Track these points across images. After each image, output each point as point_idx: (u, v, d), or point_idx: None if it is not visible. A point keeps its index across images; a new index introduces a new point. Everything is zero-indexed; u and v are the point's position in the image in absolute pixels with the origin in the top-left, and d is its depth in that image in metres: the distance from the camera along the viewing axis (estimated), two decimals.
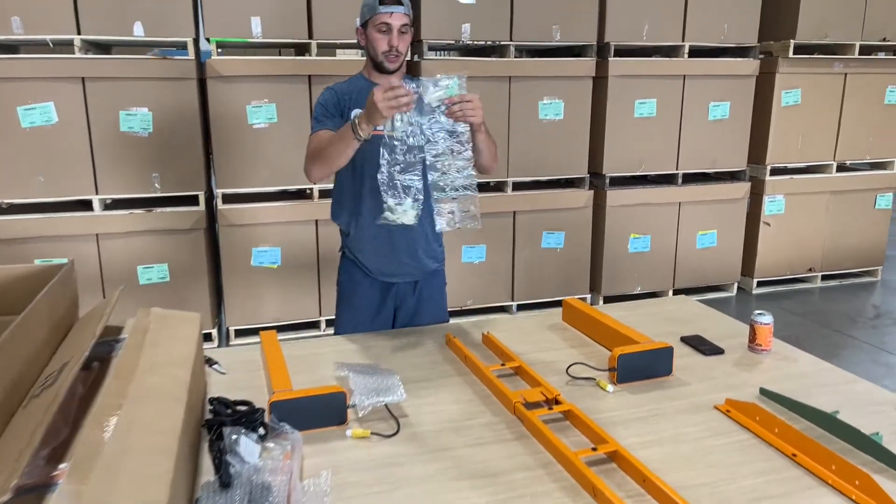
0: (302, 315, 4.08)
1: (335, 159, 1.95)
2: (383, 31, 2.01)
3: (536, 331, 2.17)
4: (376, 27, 2.01)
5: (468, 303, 4.34)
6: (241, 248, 3.89)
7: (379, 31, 2.01)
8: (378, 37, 2.01)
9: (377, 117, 1.78)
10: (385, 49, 2.03)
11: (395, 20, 2.00)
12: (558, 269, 4.47)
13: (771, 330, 1.97)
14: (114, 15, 3.51)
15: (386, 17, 2.00)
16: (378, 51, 2.04)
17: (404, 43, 2.06)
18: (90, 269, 3.69)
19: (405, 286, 2.22)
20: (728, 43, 4.49)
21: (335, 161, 1.96)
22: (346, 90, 2.12)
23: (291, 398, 1.55)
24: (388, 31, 2.01)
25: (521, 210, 4.31)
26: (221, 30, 3.68)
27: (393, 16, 2.00)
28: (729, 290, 4.90)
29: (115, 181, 3.67)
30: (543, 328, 2.19)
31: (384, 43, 2.02)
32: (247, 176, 3.84)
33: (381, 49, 2.03)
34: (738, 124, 4.61)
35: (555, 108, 4.25)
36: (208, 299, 3.91)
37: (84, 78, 3.51)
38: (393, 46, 2.02)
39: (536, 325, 2.22)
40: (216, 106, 3.73)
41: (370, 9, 2.02)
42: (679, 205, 4.59)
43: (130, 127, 3.63)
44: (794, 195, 4.82)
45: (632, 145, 4.42)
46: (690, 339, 2.06)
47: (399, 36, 2.01)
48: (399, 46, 2.03)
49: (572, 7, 4.14)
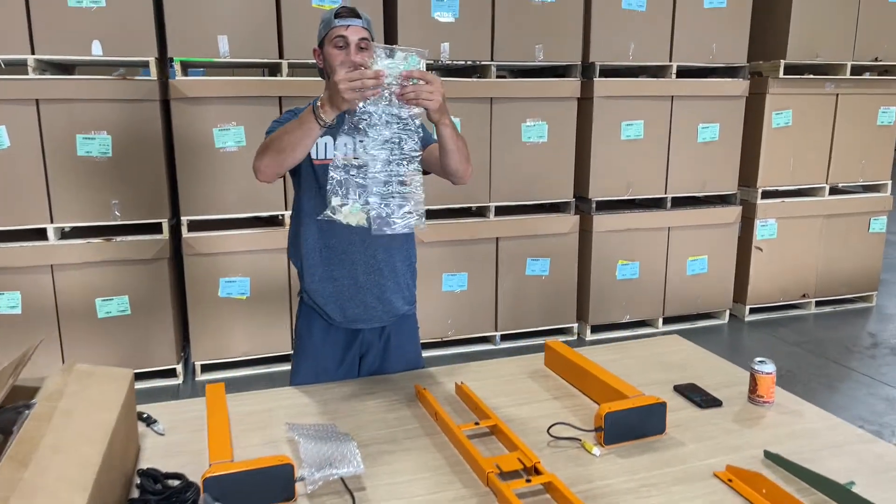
0: (273, 348, 3.85)
1: (291, 150, 1.67)
2: (340, 47, 1.81)
3: (516, 378, 1.97)
4: (332, 42, 1.81)
5: (449, 333, 4.13)
6: (207, 279, 3.68)
7: (335, 46, 1.81)
8: (335, 52, 1.81)
9: (340, 101, 1.55)
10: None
11: (352, 34, 1.81)
12: (543, 298, 4.28)
13: (773, 380, 1.79)
14: (70, 34, 3.31)
15: (342, 31, 1.80)
16: (335, 69, 1.84)
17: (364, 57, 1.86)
18: (44, 303, 3.46)
19: (372, 332, 2.00)
20: (717, 63, 4.35)
21: (291, 152, 1.68)
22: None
23: (229, 472, 1.34)
24: (346, 47, 1.81)
25: (505, 236, 4.13)
26: (186, 49, 3.49)
27: (349, 29, 1.80)
28: (721, 317, 4.72)
29: (72, 209, 3.46)
30: (524, 375, 1.99)
31: (340, 59, 1.81)
32: (214, 202, 3.63)
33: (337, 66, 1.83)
34: (728, 146, 4.46)
35: (538, 130, 4.08)
36: (172, 333, 3.68)
37: (38, 100, 3.31)
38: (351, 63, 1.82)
39: (517, 372, 2.02)
40: (181, 129, 3.53)
41: (326, 24, 1.84)
42: (668, 230, 4.42)
43: (88, 151, 3.42)
44: (786, 219, 4.67)
45: (619, 168, 4.26)
46: (685, 388, 1.87)
47: (357, 52, 1.81)
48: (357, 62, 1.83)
49: (556, 26, 3.99)
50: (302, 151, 1.70)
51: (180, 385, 3.71)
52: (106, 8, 3.33)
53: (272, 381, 3.75)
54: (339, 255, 1.92)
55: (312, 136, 1.65)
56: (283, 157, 1.70)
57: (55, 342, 3.51)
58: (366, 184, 1.61)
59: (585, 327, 4.40)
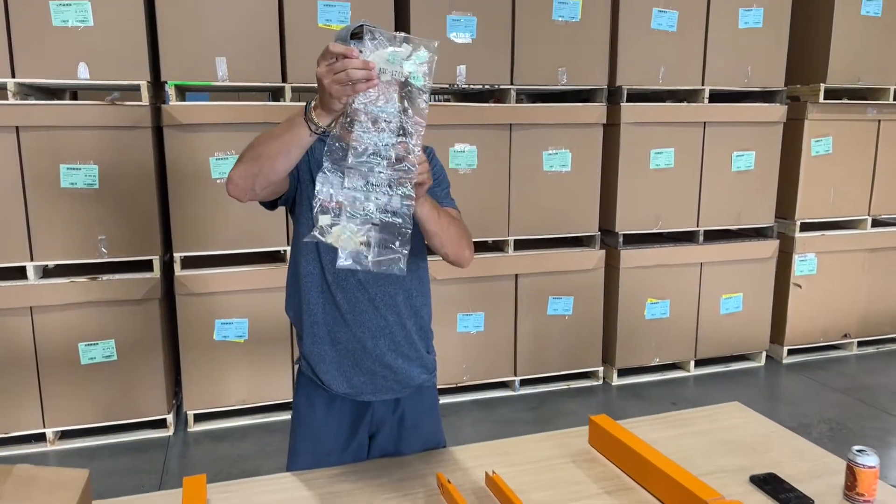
0: (272, 396, 3.53)
1: (271, 159, 1.37)
2: None
3: (557, 463, 1.64)
4: None
5: (464, 379, 3.80)
6: (201, 320, 3.37)
7: None
8: None
9: (328, 100, 1.26)
10: None
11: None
12: (567, 339, 3.95)
13: (877, 475, 1.46)
14: (55, 55, 3.04)
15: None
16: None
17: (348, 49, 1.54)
18: (23, 348, 3.15)
19: (383, 406, 1.68)
20: (752, 87, 4.05)
21: (270, 162, 1.38)
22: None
23: None
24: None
25: (524, 272, 3.81)
26: (181, 72, 3.22)
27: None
28: (757, 359, 4.38)
29: (54, 245, 3.16)
30: (565, 458, 1.66)
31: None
32: (209, 237, 3.33)
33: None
34: (765, 176, 4.15)
35: (561, 159, 3.78)
36: (163, 380, 3.36)
37: (18, 127, 3.03)
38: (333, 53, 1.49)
39: (556, 454, 1.69)
40: (175, 158, 3.25)
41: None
42: (700, 265, 4.10)
43: (73, 182, 3.13)
44: (826, 253, 4.33)
45: (647, 199, 3.95)
46: (764, 480, 1.53)
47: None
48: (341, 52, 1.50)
49: (580, 48, 3.71)
50: (284, 163, 1.39)
51: (170, 437, 3.39)
52: (94, 28, 3.06)
53: (269, 431, 3.43)
54: (344, 312, 1.61)
55: (300, 146, 1.35)
56: (259, 166, 1.39)
57: (33, 391, 3.19)
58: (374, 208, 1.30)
59: (612, 371, 4.06)
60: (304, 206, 1.59)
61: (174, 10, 3.16)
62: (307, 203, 1.57)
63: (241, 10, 3.23)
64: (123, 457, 3.19)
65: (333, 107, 1.27)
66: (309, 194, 1.54)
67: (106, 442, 3.31)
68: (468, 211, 3.61)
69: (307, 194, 1.57)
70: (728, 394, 3.92)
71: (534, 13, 3.60)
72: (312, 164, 1.59)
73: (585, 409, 3.72)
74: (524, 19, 3.60)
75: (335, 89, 1.23)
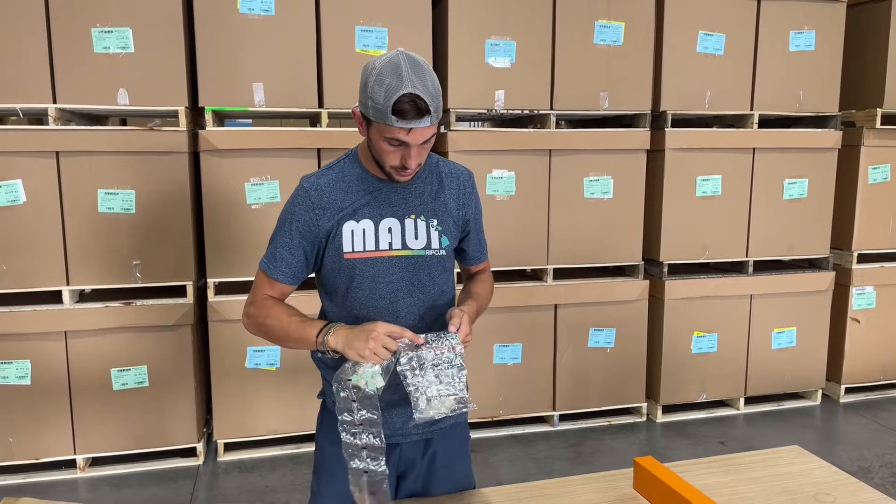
0: (303, 426, 3.45)
1: (278, 342, 1.62)
2: (395, 146, 1.42)
3: None
4: (385, 138, 1.41)
5: (500, 412, 3.66)
6: (234, 348, 3.32)
7: (390, 144, 1.41)
8: (388, 149, 1.42)
9: (354, 354, 1.41)
10: (396, 164, 1.45)
11: (415, 138, 1.39)
12: (608, 373, 3.79)
13: None
14: (95, 81, 3.07)
15: (401, 134, 1.38)
16: (386, 163, 1.46)
17: (425, 153, 1.47)
18: (56, 373, 3.14)
19: (412, 447, 1.58)
20: (804, 112, 3.89)
21: (277, 343, 1.63)
22: (327, 188, 1.53)
23: None
24: (403, 145, 1.41)
25: (564, 303, 3.67)
26: (219, 98, 3.22)
27: (412, 133, 1.38)
28: (811, 398, 4.14)
29: (90, 270, 3.16)
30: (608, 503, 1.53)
31: (395, 158, 1.43)
32: (243, 262, 3.30)
33: (390, 163, 1.45)
34: (819, 204, 3.96)
35: (603, 186, 3.66)
36: (194, 408, 3.31)
37: (58, 152, 3.05)
38: (408, 165, 1.43)
39: (598, 497, 1.56)
40: (210, 183, 3.24)
41: (378, 113, 1.38)
42: (750, 297, 3.91)
43: (110, 207, 3.14)
44: (886, 286, 4.10)
45: (693, 228, 3.79)
46: None
47: (419, 151, 1.43)
48: (417, 161, 1.45)
49: (623, 71, 3.61)
50: (288, 346, 1.62)
51: (200, 466, 3.32)
52: (134, 55, 3.09)
53: (298, 463, 3.34)
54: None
55: (305, 347, 1.53)
56: (265, 338, 1.64)
57: (65, 416, 3.17)
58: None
59: (656, 407, 3.88)
60: (332, 265, 1.59)
61: (213, 36, 3.17)
62: (336, 263, 1.58)
63: (278, 36, 3.23)
64: (153, 486, 3.14)
65: (353, 358, 1.41)
66: (337, 256, 1.57)
67: (136, 470, 3.26)
68: (505, 238, 3.54)
69: (336, 255, 1.56)
70: (781, 434, 3.70)
71: (575, 37, 3.53)
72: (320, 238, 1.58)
73: (628, 447, 3.55)
74: (565, 44, 3.52)
75: (370, 358, 1.39)
